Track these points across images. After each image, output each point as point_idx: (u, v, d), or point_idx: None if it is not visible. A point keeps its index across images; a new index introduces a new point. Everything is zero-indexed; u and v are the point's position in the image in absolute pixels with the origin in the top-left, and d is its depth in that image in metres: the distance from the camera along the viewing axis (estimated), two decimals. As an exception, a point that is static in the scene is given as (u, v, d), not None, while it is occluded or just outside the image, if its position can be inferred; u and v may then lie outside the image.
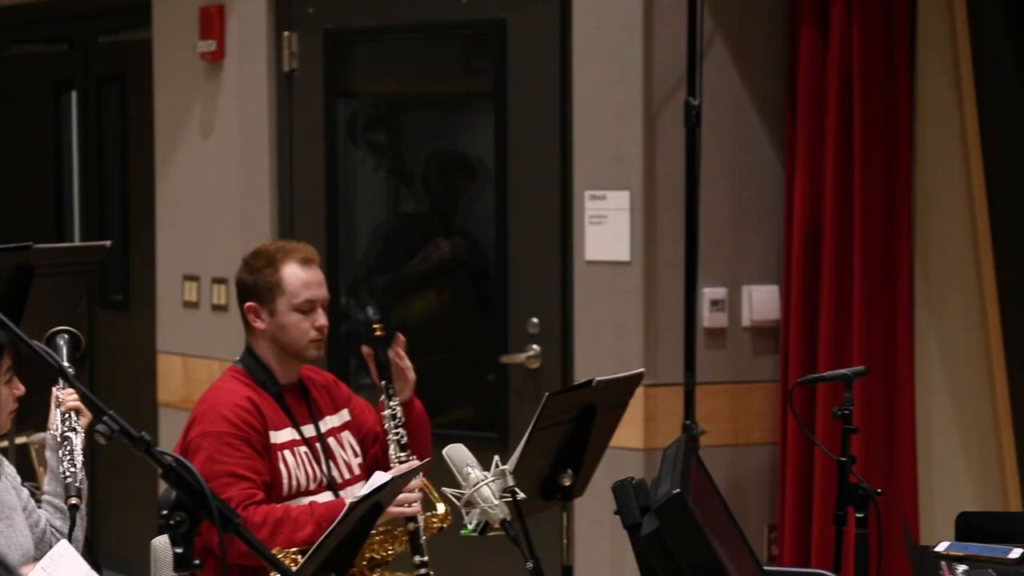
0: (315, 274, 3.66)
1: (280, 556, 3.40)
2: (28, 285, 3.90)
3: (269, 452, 3.53)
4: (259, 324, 3.63)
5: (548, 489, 3.43)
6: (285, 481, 3.54)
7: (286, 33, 5.27)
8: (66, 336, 3.19)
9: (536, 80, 4.80)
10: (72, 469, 2.97)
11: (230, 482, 3.41)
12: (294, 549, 3.40)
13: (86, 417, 3.05)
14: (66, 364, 3.06)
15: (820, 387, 4.47)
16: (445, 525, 3.64)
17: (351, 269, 5.33)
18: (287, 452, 3.57)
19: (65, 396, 3.06)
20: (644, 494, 2.49)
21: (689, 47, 4.46)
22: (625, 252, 4.60)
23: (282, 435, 3.58)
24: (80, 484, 2.97)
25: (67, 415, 3.03)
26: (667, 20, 4.55)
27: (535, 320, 4.82)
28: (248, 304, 3.64)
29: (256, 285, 3.62)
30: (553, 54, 4.74)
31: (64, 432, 3.01)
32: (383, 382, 3.67)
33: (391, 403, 3.61)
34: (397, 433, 3.59)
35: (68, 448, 2.99)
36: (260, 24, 5.29)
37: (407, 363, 3.72)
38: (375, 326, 3.63)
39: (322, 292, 3.67)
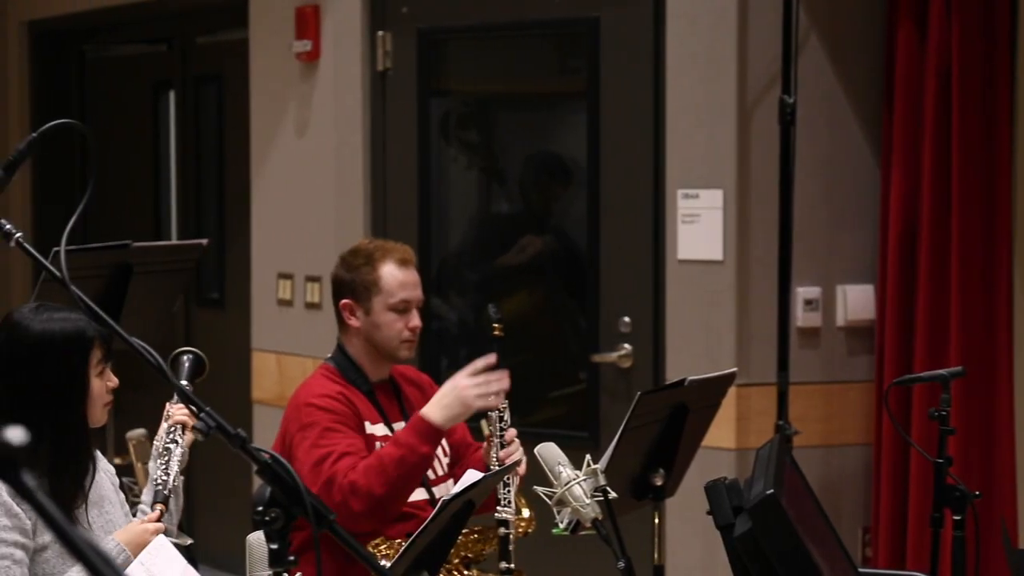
0: (411, 275, 3.68)
1: (383, 546, 3.42)
2: (127, 283, 3.96)
3: (366, 438, 3.56)
4: (353, 322, 3.65)
5: (640, 488, 3.42)
6: None
7: (380, 33, 5.30)
8: (191, 356, 3.21)
9: (629, 78, 4.78)
10: (164, 477, 3.00)
11: (336, 459, 3.44)
12: (382, 545, 3.42)
13: (191, 432, 3.08)
14: (184, 383, 3.09)
15: (916, 387, 4.42)
16: (530, 530, 3.64)
17: (443, 267, 5.35)
18: (380, 444, 3.59)
19: (174, 411, 3.10)
20: (737, 494, 2.48)
21: (784, 44, 4.43)
22: (718, 251, 4.57)
23: (376, 429, 3.60)
24: (169, 492, 2.99)
25: (173, 428, 3.08)
26: (761, 17, 4.51)
27: (627, 319, 4.81)
28: (344, 301, 3.66)
29: (353, 283, 3.65)
30: (646, 52, 4.72)
31: (166, 443, 3.05)
32: None
33: (500, 405, 3.60)
34: (501, 435, 3.58)
35: (166, 458, 3.03)
36: (355, 24, 5.33)
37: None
38: (494, 325, 3.62)
39: (417, 293, 3.68)
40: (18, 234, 2.73)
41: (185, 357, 3.20)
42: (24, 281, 7.02)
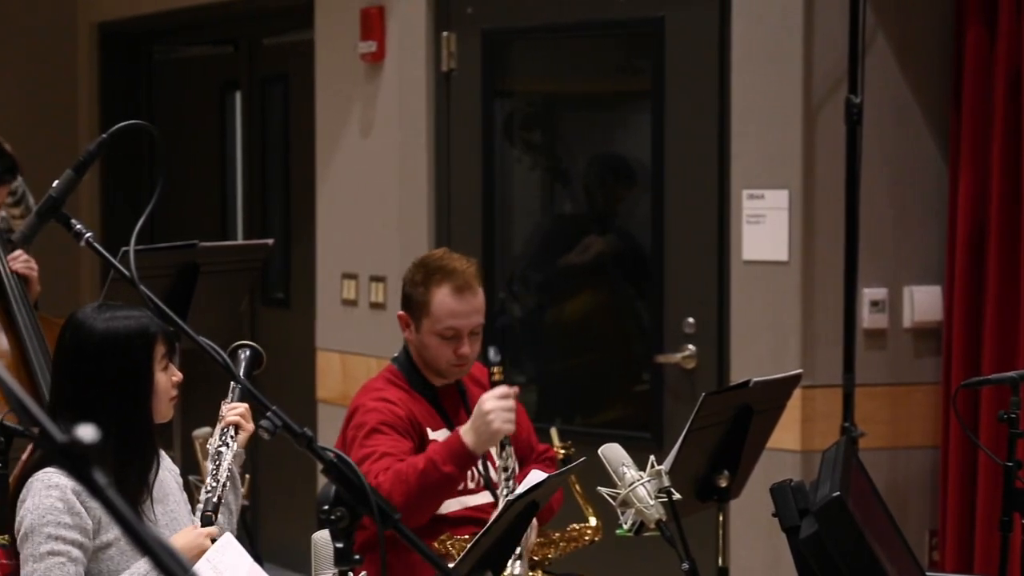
0: (467, 303, 3.55)
1: (449, 542, 3.42)
2: (194, 282, 3.99)
3: (425, 441, 3.55)
4: (407, 334, 3.63)
5: (704, 490, 3.41)
6: None
7: (445, 33, 5.31)
8: (247, 351, 3.20)
9: (694, 78, 4.77)
10: (213, 484, 3.00)
11: (376, 458, 3.41)
12: (449, 541, 3.42)
13: (245, 432, 3.09)
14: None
15: (984, 390, 4.38)
16: (597, 538, 3.62)
17: (507, 266, 5.36)
18: None
19: (227, 411, 3.10)
20: (803, 496, 2.46)
21: (850, 44, 4.40)
22: (783, 252, 4.55)
23: (439, 435, 3.59)
24: (219, 500, 2.99)
25: (225, 430, 3.06)
26: (828, 17, 4.49)
27: (691, 320, 4.79)
28: (400, 312, 3.65)
29: (410, 297, 3.61)
30: (711, 52, 4.70)
31: (217, 447, 3.04)
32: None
33: (503, 452, 3.47)
34: (508, 485, 3.43)
35: (216, 463, 3.02)
36: (419, 25, 5.35)
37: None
38: (494, 369, 3.52)
39: (472, 321, 3.56)
40: (88, 234, 2.77)
41: (242, 352, 3.20)
42: (92, 280, 7.09)
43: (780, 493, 2.47)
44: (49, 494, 2.77)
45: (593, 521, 3.62)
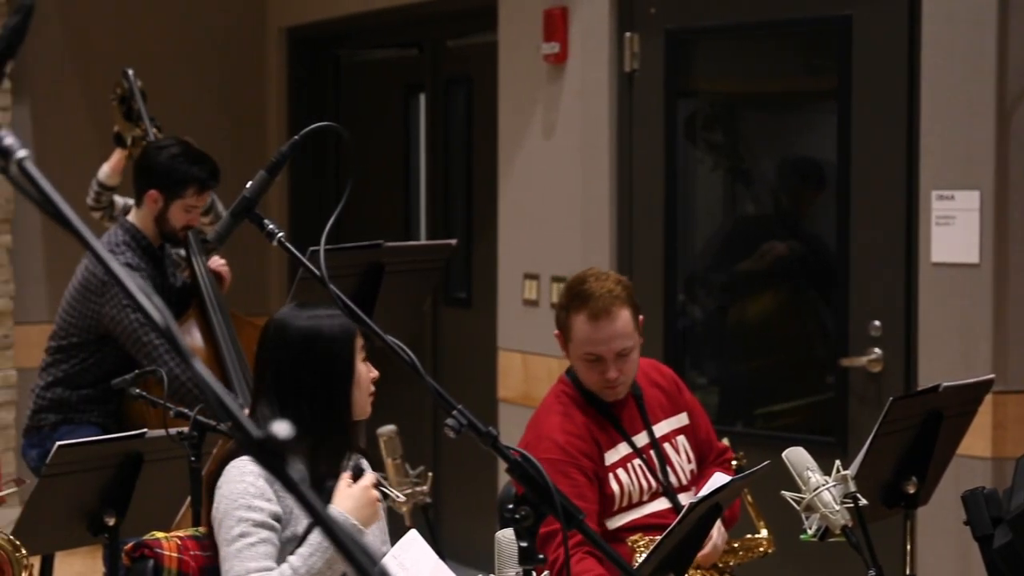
0: (603, 330, 3.47)
1: (642, 543, 3.39)
2: (379, 282, 4.05)
3: (601, 477, 3.51)
4: (565, 353, 3.62)
5: (891, 496, 3.34)
6: (616, 498, 3.51)
7: (628, 34, 5.30)
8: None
9: (882, 77, 4.68)
10: None
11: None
12: (641, 542, 3.39)
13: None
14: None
15: None
16: (770, 551, 3.57)
17: (689, 267, 5.33)
18: (620, 470, 3.53)
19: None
20: (996, 504, 2.41)
21: (1046, 40, 4.27)
22: (974, 254, 4.44)
23: (616, 453, 3.54)
24: None
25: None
26: (1023, 13, 4.36)
27: (877, 323, 4.70)
28: (556, 332, 3.62)
29: (558, 320, 3.59)
30: (900, 50, 4.62)
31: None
32: None
33: None
34: None
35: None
36: (602, 25, 5.35)
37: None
38: None
39: (612, 347, 3.47)
40: (280, 234, 2.83)
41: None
42: (280, 279, 7.25)
43: (973, 500, 2.42)
44: (243, 479, 2.84)
45: (764, 532, 3.57)
